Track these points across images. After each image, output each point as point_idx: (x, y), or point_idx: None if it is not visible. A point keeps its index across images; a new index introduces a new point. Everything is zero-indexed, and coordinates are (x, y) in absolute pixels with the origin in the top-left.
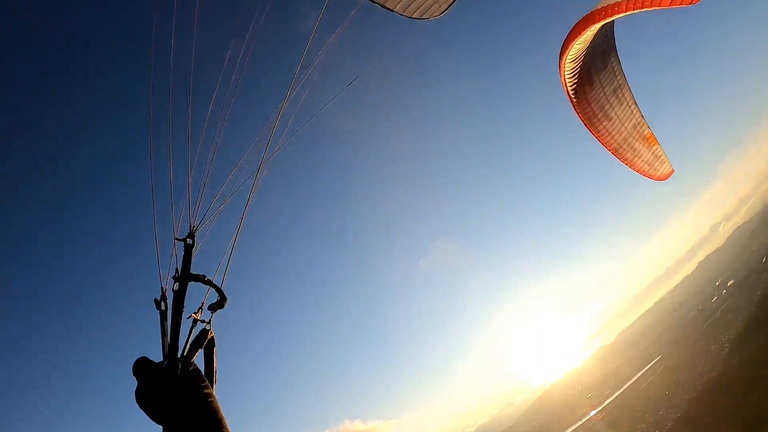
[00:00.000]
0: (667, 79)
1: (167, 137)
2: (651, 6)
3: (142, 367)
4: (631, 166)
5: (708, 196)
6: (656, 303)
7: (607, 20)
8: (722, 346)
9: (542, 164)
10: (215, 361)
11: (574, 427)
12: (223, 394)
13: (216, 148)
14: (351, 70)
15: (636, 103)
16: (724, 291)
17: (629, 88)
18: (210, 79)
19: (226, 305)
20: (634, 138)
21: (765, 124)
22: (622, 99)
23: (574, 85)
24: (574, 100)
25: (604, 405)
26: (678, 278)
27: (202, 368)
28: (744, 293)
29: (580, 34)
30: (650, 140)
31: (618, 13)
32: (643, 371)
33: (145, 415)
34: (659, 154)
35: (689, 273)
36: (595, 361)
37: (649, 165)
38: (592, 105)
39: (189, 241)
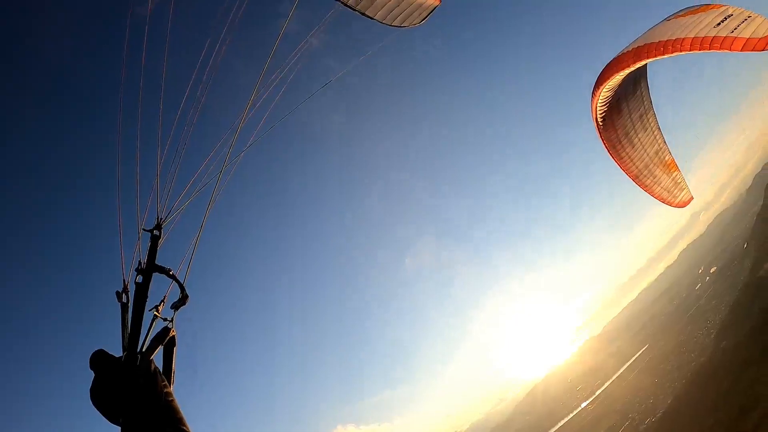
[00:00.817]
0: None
1: (136, 126)
2: (720, 49)
3: (99, 360)
4: (650, 193)
5: (688, 184)
6: (641, 293)
7: (666, 57)
8: (708, 332)
9: (524, 158)
10: (174, 361)
11: (566, 419)
12: (207, 400)
13: (187, 139)
14: (329, 72)
15: (659, 128)
16: (707, 278)
17: (654, 113)
18: (183, 70)
19: (188, 303)
20: (655, 164)
21: (742, 112)
22: (647, 125)
23: (603, 113)
24: (601, 127)
25: (594, 396)
26: (661, 267)
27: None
28: (727, 279)
29: (628, 66)
30: (671, 166)
31: (680, 51)
32: (631, 361)
33: (101, 414)
34: (679, 180)
35: (671, 262)
36: (583, 354)
37: (668, 192)
38: (618, 132)
39: (156, 232)
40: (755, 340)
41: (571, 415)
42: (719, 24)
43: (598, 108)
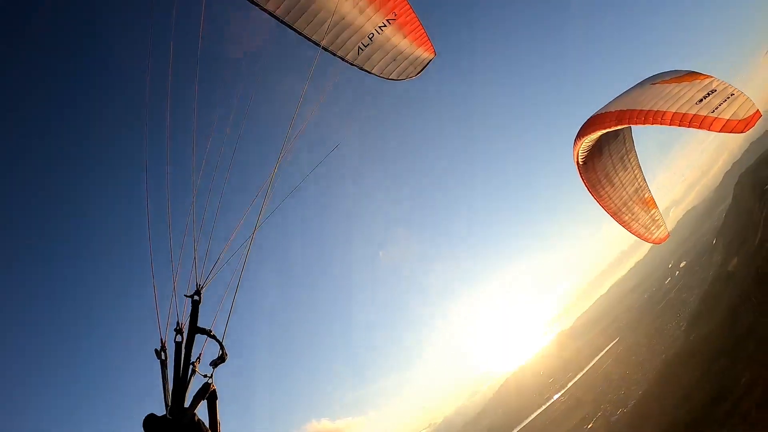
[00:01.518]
0: (619, 58)
1: (166, 198)
2: (700, 128)
3: (150, 422)
4: (628, 229)
5: (657, 181)
6: (611, 287)
7: (646, 126)
8: (678, 324)
9: (498, 152)
10: (218, 414)
11: (539, 411)
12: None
13: (217, 211)
14: (332, 127)
15: (640, 166)
16: (677, 272)
17: (635, 153)
18: (210, 140)
19: (227, 359)
20: (633, 202)
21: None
22: (628, 164)
23: (585, 158)
24: (582, 169)
25: (567, 388)
26: (631, 262)
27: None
28: (696, 274)
29: (609, 127)
30: (649, 204)
31: (661, 124)
32: (602, 353)
33: None
34: (657, 218)
35: (642, 257)
36: (555, 346)
37: (645, 228)
38: (598, 173)
39: (196, 297)
40: (725, 331)
41: (544, 407)
42: (701, 100)
43: (579, 154)
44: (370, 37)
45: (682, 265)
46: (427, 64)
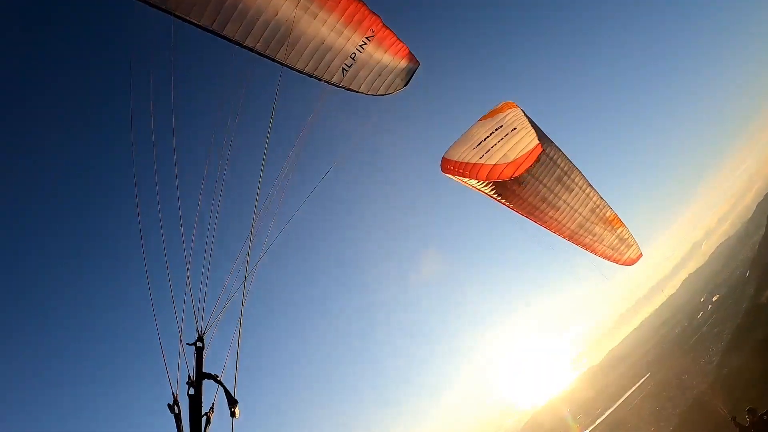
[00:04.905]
0: (649, 93)
1: (162, 246)
2: (470, 177)
3: None
4: (593, 251)
5: (689, 213)
6: (642, 322)
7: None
8: (710, 359)
9: None
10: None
11: None
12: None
13: (211, 255)
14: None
15: (591, 185)
16: (710, 306)
17: (579, 172)
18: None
19: (238, 412)
20: (592, 222)
21: (742, 143)
22: (571, 185)
23: (497, 190)
24: (502, 200)
25: (595, 425)
26: (663, 297)
27: None
28: (729, 307)
29: (450, 172)
30: (614, 222)
31: (449, 174)
32: (632, 389)
33: None
34: (625, 236)
35: (673, 291)
36: (583, 382)
37: (613, 249)
38: (530, 200)
39: (199, 344)
40: (756, 363)
41: None
42: (480, 143)
43: (482, 190)
44: (352, 56)
45: (714, 298)
46: (413, 73)
